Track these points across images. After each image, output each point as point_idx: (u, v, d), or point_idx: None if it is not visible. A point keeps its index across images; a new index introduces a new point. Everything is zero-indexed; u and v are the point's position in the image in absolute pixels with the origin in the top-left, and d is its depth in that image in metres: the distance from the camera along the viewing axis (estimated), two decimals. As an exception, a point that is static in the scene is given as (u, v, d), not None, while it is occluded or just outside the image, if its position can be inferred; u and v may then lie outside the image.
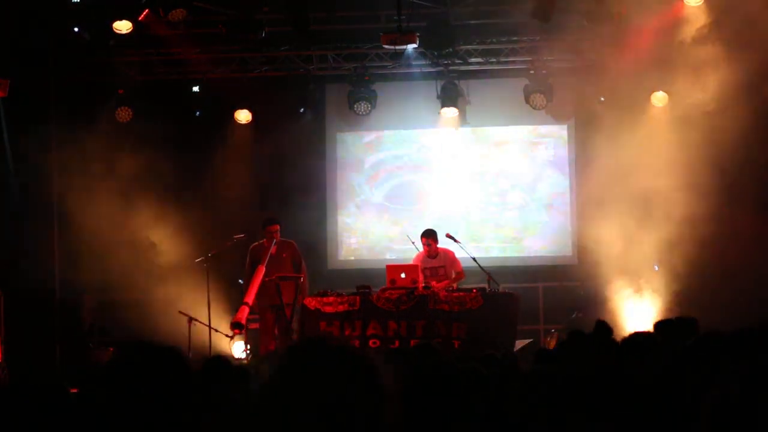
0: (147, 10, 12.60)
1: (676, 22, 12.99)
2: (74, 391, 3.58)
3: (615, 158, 13.52)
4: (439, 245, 12.04)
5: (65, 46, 13.26)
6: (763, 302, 12.43)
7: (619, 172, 13.34)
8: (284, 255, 11.70)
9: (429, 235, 11.95)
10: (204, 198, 14.46)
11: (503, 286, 11.77)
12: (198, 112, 14.52)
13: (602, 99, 14.18)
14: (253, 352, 12.01)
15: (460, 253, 12.03)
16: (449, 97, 14.33)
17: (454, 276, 11.87)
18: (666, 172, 13.12)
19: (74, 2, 12.72)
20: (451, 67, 14.35)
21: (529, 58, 14.22)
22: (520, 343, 11.54)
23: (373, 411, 1.99)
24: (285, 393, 2.00)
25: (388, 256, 14.25)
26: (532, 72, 14.17)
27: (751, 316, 11.62)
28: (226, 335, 12.34)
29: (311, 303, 11.36)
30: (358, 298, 11.37)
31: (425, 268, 11.80)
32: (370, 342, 11.16)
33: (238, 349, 12.51)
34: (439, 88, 14.37)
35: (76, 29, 13.04)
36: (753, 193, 13.21)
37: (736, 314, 11.63)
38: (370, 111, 14.44)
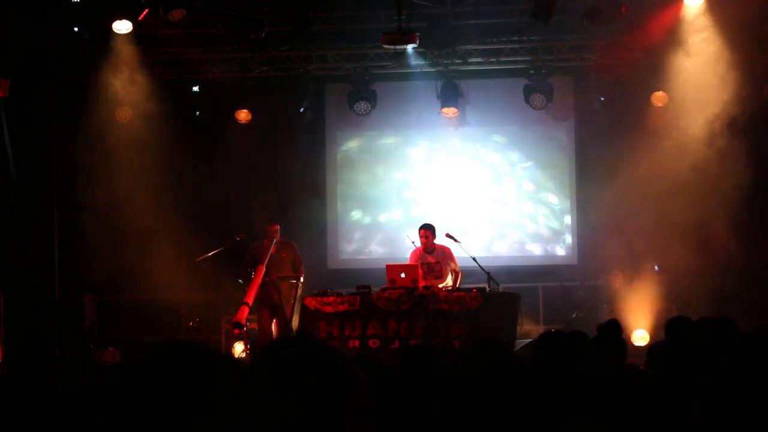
0: (147, 10, 12.59)
1: (677, 22, 12.99)
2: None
3: (615, 158, 13.53)
4: (438, 243, 12.04)
5: (65, 46, 13.26)
6: (764, 303, 12.45)
7: (619, 172, 13.35)
8: (284, 255, 11.70)
9: (427, 228, 11.93)
10: (204, 198, 14.46)
11: (503, 286, 11.77)
12: (198, 112, 14.52)
13: (602, 99, 14.18)
14: (252, 352, 12.01)
15: (460, 253, 12.02)
16: (449, 97, 14.33)
17: (453, 275, 11.85)
18: (666, 172, 13.13)
19: (74, 2, 12.72)
20: (451, 67, 14.35)
21: (529, 58, 14.22)
22: (520, 343, 11.53)
23: (342, 410, 2.03)
24: (261, 387, 2.04)
25: (388, 256, 14.24)
26: (532, 72, 14.17)
27: (751, 316, 11.64)
28: (226, 335, 12.35)
29: (311, 303, 11.35)
30: (358, 298, 11.36)
31: (422, 264, 11.80)
32: (370, 342, 11.16)
33: (238, 349, 12.52)
34: (439, 88, 14.37)
35: (76, 29, 13.04)
36: (753, 193, 13.21)
37: (737, 316, 11.64)
38: (370, 111, 14.44)
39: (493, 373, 3.38)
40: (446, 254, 11.96)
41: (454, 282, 11.79)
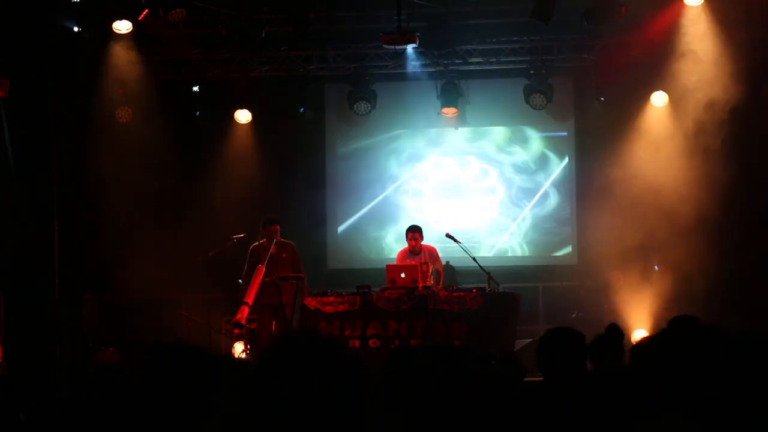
0: (147, 10, 12.59)
1: (676, 22, 12.99)
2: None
3: (615, 158, 13.54)
4: (424, 244, 12.02)
5: (65, 46, 13.26)
6: (764, 302, 12.44)
7: (619, 172, 13.35)
8: (284, 255, 11.70)
9: (416, 230, 11.92)
10: (204, 198, 14.46)
11: (503, 286, 11.76)
12: (198, 112, 14.52)
13: (602, 99, 14.18)
14: (252, 352, 12.01)
15: (459, 253, 12.01)
16: (449, 97, 14.33)
17: (435, 275, 11.84)
18: (666, 172, 13.13)
19: (74, 2, 12.72)
20: (451, 67, 14.34)
21: (529, 58, 14.22)
22: (519, 343, 11.52)
23: (356, 408, 2.01)
24: (268, 387, 2.02)
25: (387, 256, 14.24)
26: (532, 72, 14.16)
27: (752, 316, 11.64)
28: (226, 335, 12.34)
29: (311, 303, 11.36)
30: (358, 298, 11.36)
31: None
32: (370, 342, 11.16)
33: (238, 349, 12.52)
34: (439, 88, 14.36)
35: (76, 29, 13.04)
36: (754, 192, 13.22)
37: (737, 315, 11.66)
38: (370, 111, 14.43)
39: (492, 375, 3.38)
40: (433, 255, 11.96)
41: (436, 281, 11.80)
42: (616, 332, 5.18)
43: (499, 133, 15.09)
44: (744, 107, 12.74)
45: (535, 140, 15.04)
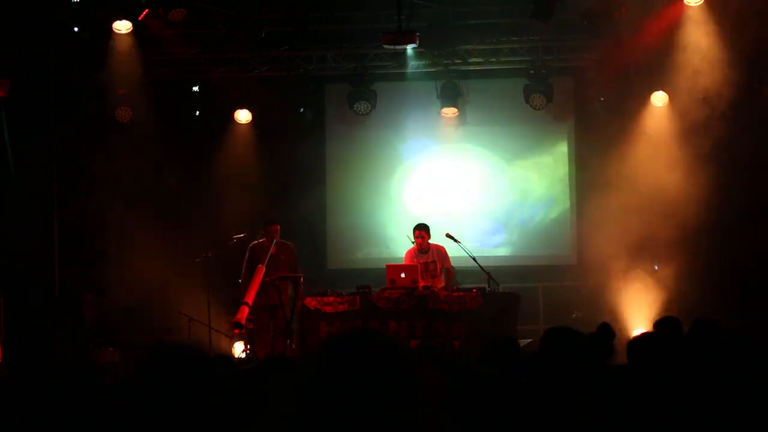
0: (147, 10, 12.59)
1: (677, 21, 12.99)
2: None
3: (615, 158, 13.54)
4: (432, 242, 12.03)
5: (65, 46, 13.25)
6: (763, 301, 12.45)
7: (619, 172, 13.35)
8: (282, 257, 11.70)
9: (422, 228, 11.94)
10: (204, 198, 14.45)
11: (503, 286, 11.77)
12: (198, 112, 14.52)
13: (602, 99, 14.18)
14: (252, 352, 12.01)
15: (460, 253, 12.02)
16: (449, 97, 14.33)
17: (445, 274, 11.85)
18: (666, 171, 13.13)
19: (74, 2, 12.71)
20: (451, 67, 14.34)
21: (529, 58, 14.23)
22: (519, 343, 11.51)
23: (411, 408, 1.99)
24: (325, 387, 2.00)
25: (387, 256, 14.24)
26: (532, 72, 14.16)
27: (752, 316, 11.64)
28: (226, 335, 12.35)
29: (311, 303, 11.37)
30: (358, 297, 11.37)
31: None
32: (370, 342, 11.15)
33: (238, 349, 12.52)
34: (439, 88, 14.37)
35: (76, 29, 13.04)
36: (753, 192, 13.21)
37: (737, 315, 11.66)
38: (370, 111, 14.44)
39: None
40: (441, 253, 11.97)
41: (447, 281, 11.80)
42: (607, 332, 5.19)
43: (498, 133, 15.08)
44: (744, 107, 12.73)
45: (535, 140, 15.04)
